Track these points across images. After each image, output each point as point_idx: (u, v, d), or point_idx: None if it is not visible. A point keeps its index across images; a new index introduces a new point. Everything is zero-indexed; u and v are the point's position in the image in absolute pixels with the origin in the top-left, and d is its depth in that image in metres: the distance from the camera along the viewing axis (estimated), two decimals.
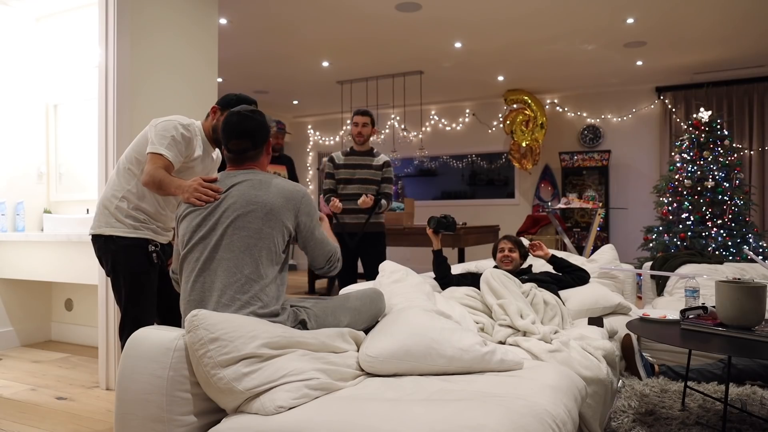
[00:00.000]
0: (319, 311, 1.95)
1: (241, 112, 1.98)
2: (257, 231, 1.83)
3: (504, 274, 2.66)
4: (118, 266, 2.40)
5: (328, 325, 1.94)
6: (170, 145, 2.29)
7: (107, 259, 2.41)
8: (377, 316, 2.16)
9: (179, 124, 2.34)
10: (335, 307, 2.01)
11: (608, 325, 2.77)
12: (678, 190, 6.00)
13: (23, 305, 4.32)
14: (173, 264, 2.08)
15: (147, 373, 1.55)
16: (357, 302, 2.10)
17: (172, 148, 2.29)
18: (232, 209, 1.85)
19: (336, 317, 1.98)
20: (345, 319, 2.01)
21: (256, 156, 1.99)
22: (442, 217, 3.21)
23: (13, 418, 2.74)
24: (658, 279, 4.44)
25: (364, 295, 2.16)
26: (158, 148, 2.27)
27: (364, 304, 2.12)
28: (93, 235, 2.44)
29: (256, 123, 1.97)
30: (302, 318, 1.88)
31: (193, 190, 1.93)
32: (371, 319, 2.13)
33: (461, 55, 6.46)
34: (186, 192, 1.95)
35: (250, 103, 2.37)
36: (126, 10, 3.28)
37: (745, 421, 2.44)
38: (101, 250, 2.43)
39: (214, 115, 2.46)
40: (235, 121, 1.95)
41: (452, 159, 9.05)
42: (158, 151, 2.27)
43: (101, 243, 2.42)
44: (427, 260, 8.80)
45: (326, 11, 5.10)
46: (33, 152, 4.37)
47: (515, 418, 1.43)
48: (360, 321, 2.07)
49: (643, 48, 6.20)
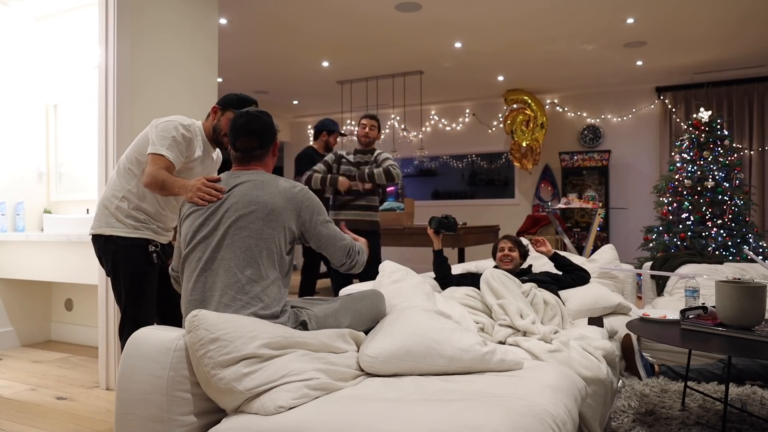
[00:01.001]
0: (320, 313, 1.95)
1: (250, 112, 1.99)
2: (258, 231, 1.83)
3: (504, 274, 2.66)
4: (119, 266, 2.40)
5: (329, 327, 1.94)
6: (171, 145, 2.29)
7: (107, 259, 2.41)
8: (378, 318, 2.16)
9: (180, 125, 2.34)
10: (336, 309, 2.01)
11: (608, 325, 2.77)
12: (678, 190, 6.00)
13: (23, 305, 4.32)
14: (173, 262, 2.08)
15: (147, 373, 1.55)
16: (358, 304, 2.10)
17: (173, 149, 2.29)
18: (234, 209, 1.85)
19: (337, 319, 1.98)
20: (346, 320, 2.01)
21: (263, 156, 1.99)
22: (443, 217, 3.21)
23: (13, 418, 2.74)
24: (658, 279, 4.44)
25: (365, 297, 2.16)
26: (159, 149, 2.27)
27: (365, 306, 2.12)
28: (93, 234, 2.44)
29: (263, 123, 1.98)
30: (303, 319, 1.88)
31: (196, 190, 1.93)
32: (372, 321, 2.13)
33: (461, 55, 6.46)
34: (189, 191, 1.95)
35: (250, 103, 2.38)
36: (126, 10, 3.28)
37: (745, 421, 2.44)
38: (101, 250, 2.43)
39: (214, 115, 2.45)
40: (243, 121, 1.96)
41: (452, 159, 9.05)
42: (159, 151, 2.26)
43: (101, 243, 2.41)
44: (427, 260, 8.78)
45: (326, 11, 5.10)
46: (33, 152, 4.37)
47: (515, 418, 1.43)
48: (361, 323, 2.07)
49: (643, 48, 6.20)
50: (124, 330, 2.39)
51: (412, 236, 5.54)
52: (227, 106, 2.41)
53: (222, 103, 2.45)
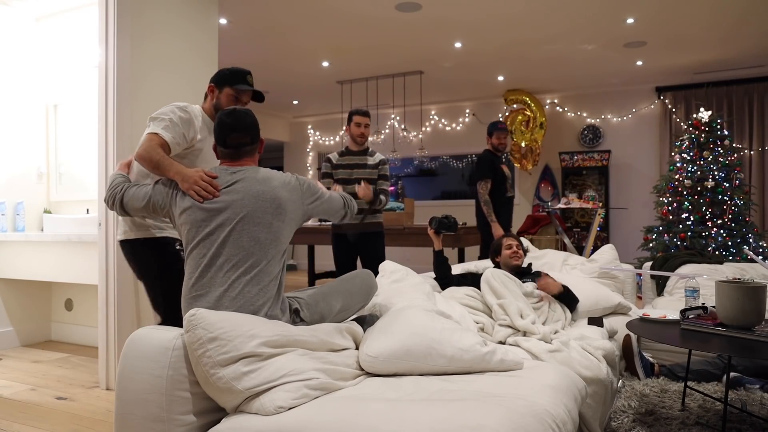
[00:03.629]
0: (310, 299, 1.98)
1: (237, 110, 2.00)
2: (268, 225, 1.85)
3: (504, 274, 2.66)
4: (150, 269, 2.36)
5: (321, 311, 1.97)
6: (167, 127, 2.23)
7: (137, 263, 2.38)
8: (370, 294, 2.20)
9: (176, 107, 2.30)
10: (326, 293, 2.04)
11: (608, 325, 2.77)
12: (678, 190, 5.99)
13: (23, 305, 4.32)
14: (136, 203, 2.06)
15: (146, 372, 1.55)
16: (347, 284, 2.13)
17: (170, 130, 2.23)
18: (241, 206, 1.85)
19: (328, 302, 2.01)
20: (338, 303, 2.04)
21: (252, 151, 2.01)
22: (443, 217, 3.20)
23: (13, 418, 2.74)
24: (658, 279, 4.44)
25: (354, 276, 2.19)
26: (154, 129, 2.21)
27: (355, 284, 2.15)
28: (120, 241, 2.40)
29: (252, 119, 2.00)
30: (295, 307, 1.91)
31: (193, 182, 1.90)
32: (365, 297, 2.17)
33: (461, 55, 6.46)
34: (186, 182, 1.92)
35: (244, 74, 2.39)
36: (126, 10, 3.27)
37: (745, 421, 2.44)
38: (130, 255, 2.39)
39: (212, 94, 2.42)
40: (232, 120, 1.97)
41: (452, 159, 9.05)
42: (154, 131, 2.20)
43: (128, 248, 2.38)
44: (427, 260, 8.76)
45: (326, 11, 5.10)
46: (33, 152, 4.37)
47: (515, 418, 1.43)
48: (353, 302, 2.11)
49: (643, 48, 6.20)
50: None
51: (412, 236, 5.53)
52: (223, 83, 2.38)
53: (216, 81, 2.40)
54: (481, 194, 4.47)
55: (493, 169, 4.51)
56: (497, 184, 4.51)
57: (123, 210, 2.10)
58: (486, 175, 4.48)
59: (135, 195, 2.04)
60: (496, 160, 4.57)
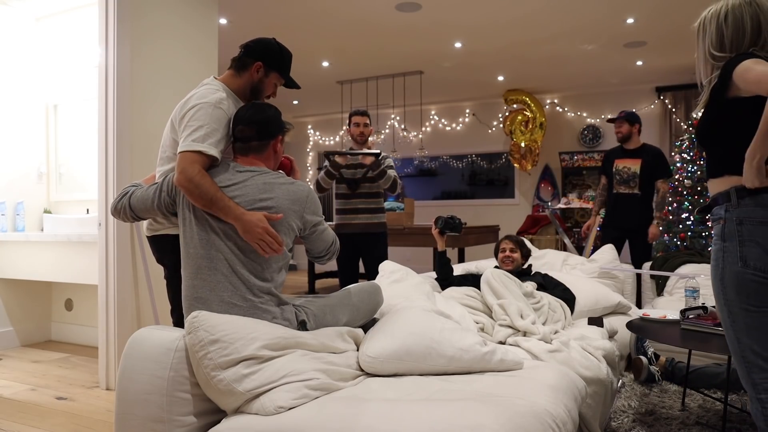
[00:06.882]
0: (318, 310, 1.96)
1: (257, 104, 1.99)
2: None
3: (505, 274, 2.66)
4: (177, 265, 2.16)
5: (327, 324, 1.95)
6: (212, 141, 1.90)
7: (169, 258, 2.19)
8: (375, 311, 2.18)
9: (209, 105, 1.95)
10: (333, 305, 2.02)
11: (608, 325, 2.77)
12: (678, 190, 5.99)
13: (23, 305, 4.32)
14: (141, 202, 2.02)
15: (147, 373, 1.55)
16: (355, 299, 2.11)
17: (214, 143, 1.91)
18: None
19: (335, 315, 1.99)
20: (344, 317, 2.02)
21: (261, 149, 1.94)
22: (449, 217, 3.20)
23: (13, 418, 2.74)
24: (658, 279, 4.44)
25: (362, 291, 2.17)
26: (196, 144, 1.87)
27: (362, 300, 2.13)
28: (148, 237, 2.26)
29: (266, 116, 1.95)
30: (302, 318, 1.89)
31: (258, 237, 1.79)
32: (369, 313, 2.15)
33: (461, 55, 6.46)
34: (250, 233, 1.78)
35: (289, 56, 2.17)
36: (126, 10, 3.27)
37: (745, 421, 2.45)
38: (159, 251, 2.25)
39: (256, 74, 2.10)
40: (247, 112, 1.95)
41: (452, 159, 9.05)
42: (197, 148, 1.86)
43: (156, 244, 2.24)
44: (428, 260, 8.76)
45: (326, 12, 5.10)
46: (33, 152, 4.37)
47: (515, 418, 1.43)
48: (358, 317, 2.09)
49: (643, 48, 6.20)
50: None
51: (413, 236, 5.53)
52: (275, 67, 2.10)
53: (269, 61, 2.09)
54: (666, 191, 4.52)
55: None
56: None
57: (133, 213, 2.04)
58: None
59: (143, 196, 2.01)
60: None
